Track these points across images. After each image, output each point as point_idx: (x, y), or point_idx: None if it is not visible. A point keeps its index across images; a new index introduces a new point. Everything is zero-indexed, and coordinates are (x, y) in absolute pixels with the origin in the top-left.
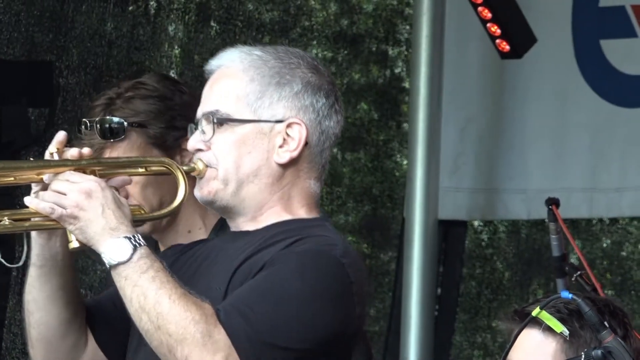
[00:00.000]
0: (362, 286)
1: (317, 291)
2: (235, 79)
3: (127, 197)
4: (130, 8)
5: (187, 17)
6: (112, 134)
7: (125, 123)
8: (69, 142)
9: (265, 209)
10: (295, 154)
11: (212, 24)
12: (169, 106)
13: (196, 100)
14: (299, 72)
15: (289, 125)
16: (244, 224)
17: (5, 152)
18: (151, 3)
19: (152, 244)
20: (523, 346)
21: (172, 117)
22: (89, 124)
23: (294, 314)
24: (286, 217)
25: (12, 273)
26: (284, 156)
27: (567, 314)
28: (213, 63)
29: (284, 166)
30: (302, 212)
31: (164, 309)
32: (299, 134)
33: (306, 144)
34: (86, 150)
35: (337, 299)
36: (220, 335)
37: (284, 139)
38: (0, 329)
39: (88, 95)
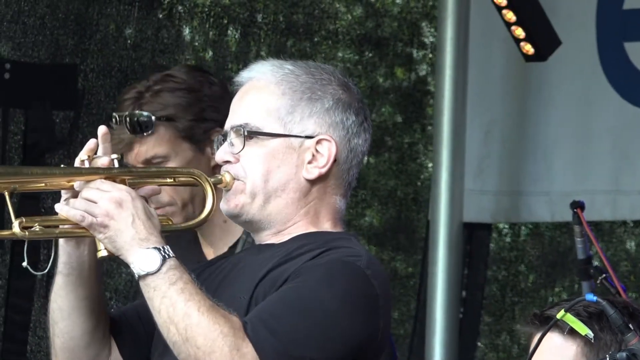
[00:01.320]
0: (387, 298)
1: (343, 303)
2: (266, 92)
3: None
4: (155, 11)
5: (211, 20)
6: (141, 128)
7: (154, 117)
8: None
9: (290, 223)
10: (324, 170)
11: (237, 26)
12: (198, 98)
13: (226, 91)
14: (330, 88)
15: (318, 142)
16: (269, 237)
17: (30, 155)
18: (176, 6)
19: (191, 236)
20: (543, 350)
21: (202, 109)
22: (118, 119)
23: (321, 326)
24: (311, 229)
25: (37, 276)
26: (313, 172)
27: (587, 317)
28: (244, 75)
29: (312, 182)
30: (327, 226)
31: (192, 321)
32: (328, 151)
33: (334, 160)
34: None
35: (363, 311)
36: (248, 349)
37: (313, 155)
38: (26, 332)
39: (113, 98)
